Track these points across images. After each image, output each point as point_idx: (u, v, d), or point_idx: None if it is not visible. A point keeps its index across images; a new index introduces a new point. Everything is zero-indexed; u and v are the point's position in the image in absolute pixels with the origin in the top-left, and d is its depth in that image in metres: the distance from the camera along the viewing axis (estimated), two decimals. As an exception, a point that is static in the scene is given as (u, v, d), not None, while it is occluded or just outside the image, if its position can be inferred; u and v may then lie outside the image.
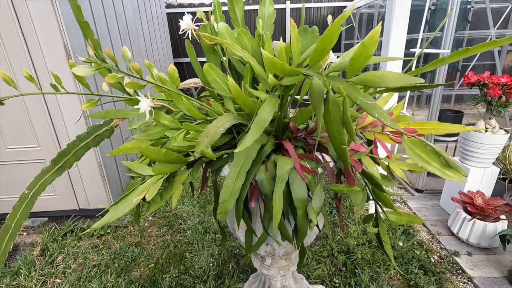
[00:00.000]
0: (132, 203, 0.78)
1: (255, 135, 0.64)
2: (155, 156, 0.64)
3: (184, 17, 0.84)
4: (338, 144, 0.63)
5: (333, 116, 0.61)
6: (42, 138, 2.14)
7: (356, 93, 0.57)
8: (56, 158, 0.84)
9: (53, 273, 1.78)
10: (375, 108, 0.56)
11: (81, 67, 0.63)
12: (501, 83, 1.79)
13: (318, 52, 0.59)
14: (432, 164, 0.50)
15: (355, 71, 0.57)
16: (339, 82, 0.59)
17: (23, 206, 0.78)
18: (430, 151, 0.51)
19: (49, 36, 1.87)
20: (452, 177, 0.48)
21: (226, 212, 0.76)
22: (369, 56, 0.54)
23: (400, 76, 0.56)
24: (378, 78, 0.57)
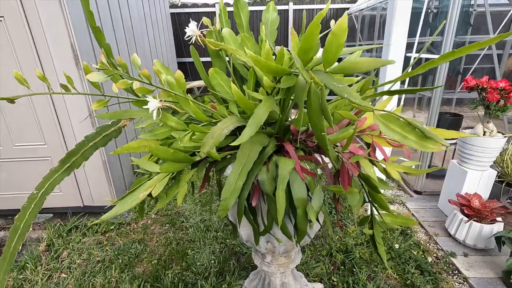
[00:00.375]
0: (139, 197, 0.82)
1: (251, 132, 0.68)
2: (164, 155, 0.68)
3: (190, 24, 0.88)
4: (318, 131, 0.66)
5: (314, 106, 0.65)
6: (48, 136, 2.19)
7: (331, 80, 0.61)
8: (65, 158, 0.87)
9: (59, 268, 1.83)
10: (345, 89, 0.59)
11: (95, 74, 0.67)
12: (499, 88, 1.82)
13: (302, 51, 0.63)
14: (408, 137, 0.50)
15: (330, 62, 0.60)
16: (318, 75, 0.63)
17: (32, 207, 0.79)
18: (404, 123, 0.51)
19: (57, 36, 1.92)
20: (431, 148, 0.47)
21: (227, 209, 0.80)
22: (341, 45, 0.57)
23: (372, 61, 0.59)
24: (353, 64, 0.61)
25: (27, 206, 0.77)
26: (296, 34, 0.73)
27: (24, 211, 0.76)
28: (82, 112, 2.12)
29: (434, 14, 4.42)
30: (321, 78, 0.58)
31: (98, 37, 0.79)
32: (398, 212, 2.32)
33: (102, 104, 0.84)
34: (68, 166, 0.91)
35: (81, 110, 2.12)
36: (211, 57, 1.03)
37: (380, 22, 4.31)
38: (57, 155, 2.24)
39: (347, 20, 0.51)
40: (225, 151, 0.93)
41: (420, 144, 0.48)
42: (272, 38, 1.09)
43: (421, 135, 0.49)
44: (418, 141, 0.49)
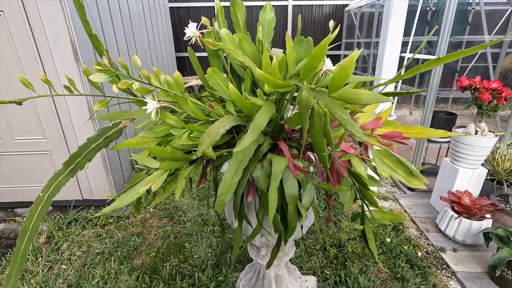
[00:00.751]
0: (139, 192, 0.86)
1: (251, 138, 0.71)
2: (162, 155, 0.72)
3: (189, 25, 0.91)
4: (320, 151, 0.71)
5: (317, 127, 0.69)
6: (48, 130, 2.21)
7: (336, 108, 0.65)
8: (68, 160, 0.88)
9: (59, 259, 1.87)
10: (349, 122, 0.64)
11: (97, 75, 0.70)
12: (491, 88, 1.86)
13: (306, 68, 0.67)
14: (397, 172, 0.57)
15: (336, 89, 0.65)
16: (322, 97, 0.67)
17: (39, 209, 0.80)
18: (396, 160, 0.58)
19: (57, 33, 1.93)
20: (415, 184, 0.55)
21: (223, 204, 0.84)
22: (348, 76, 0.61)
23: (373, 95, 0.63)
24: (355, 95, 0.65)
25: (35, 208, 0.79)
26: (291, 39, 0.76)
27: (32, 213, 0.78)
28: (82, 107, 2.14)
29: (433, 12, 4.43)
30: (326, 103, 0.62)
31: (95, 44, 0.82)
32: (391, 208, 2.37)
33: (104, 104, 0.87)
34: (72, 168, 0.92)
35: (81, 105, 2.14)
36: (209, 56, 1.06)
37: (379, 19, 4.32)
38: (56, 149, 2.27)
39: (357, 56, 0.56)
40: (222, 149, 0.97)
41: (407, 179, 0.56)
42: (268, 39, 1.12)
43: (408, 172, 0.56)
44: (405, 176, 0.59)
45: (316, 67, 0.67)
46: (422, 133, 1.00)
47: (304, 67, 0.65)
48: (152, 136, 0.98)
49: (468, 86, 1.94)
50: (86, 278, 1.73)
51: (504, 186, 2.13)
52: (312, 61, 0.63)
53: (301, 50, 0.93)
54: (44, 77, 0.77)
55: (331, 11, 5.44)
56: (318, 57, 0.62)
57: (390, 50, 1.90)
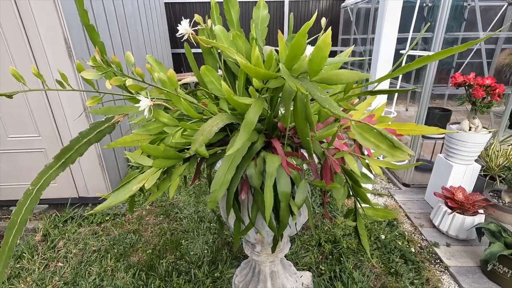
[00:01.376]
0: (132, 190, 0.86)
1: (244, 138, 0.72)
2: (154, 153, 0.72)
3: (182, 22, 0.91)
4: (303, 136, 0.72)
5: (299, 113, 0.70)
6: (42, 128, 2.19)
7: (315, 89, 0.65)
8: (59, 154, 0.88)
9: (55, 257, 1.87)
10: (327, 100, 0.64)
11: (89, 71, 0.70)
12: (485, 85, 1.87)
13: (289, 58, 0.68)
14: (380, 147, 0.56)
15: (315, 72, 0.65)
16: (304, 83, 0.67)
17: (28, 202, 0.79)
18: (377, 134, 0.58)
19: (50, 28, 1.91)
20: (399, 156, 0.54)
21: (216, 200, 0.84)
22: (325, 58, 0.62)
23: (352, 73, 0.64)
24: (334, 76, 0.65)
25: (23, 201, 0.78)
26: (283, 38, 0.76)
27: (20, 207, 0.77)
28: (76, 104, 2.13)
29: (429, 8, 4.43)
30: (307, 87, 0.62)
31: (92, 36, 0.81)
32: (386, 204, 2.40)
33: (97, 100, 0.86)
34: (63, 162, 0.92)
35: (75, 102, 2.12)
36: (203, 54, 1.05)
37: (375, 15, 4.31)
38: (51, 146, 2.25)
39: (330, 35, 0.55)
40: (215, 147, 0.97)
41: (390, 153, 0.54)
42: (262, 36, 1.11)
43: (391, 144, 0.55)
44: (388, 150, 0.56)
45: (300, 55, 0.67)
46: (415, 130, 1.01)
47: (287, 57, 0.66)
48: (146, 133, 0.98)
49: (462, 82, 1.95)
50: (83, 275, 1.73)
51: (497, 182, 2.16)
52: (293, 50, 0.63)
53: (294, 47, 0.93)
54: (36, 71, 0.76)
55: (327, 6, 5.42)
56: (299, 45, 0.62)
57: (385, 47, 1.90)
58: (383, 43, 1.95)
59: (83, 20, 0.79)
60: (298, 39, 0.60)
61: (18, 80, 0.77)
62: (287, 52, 0.64)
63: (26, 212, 0.78)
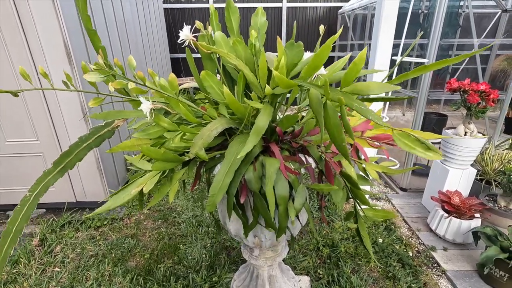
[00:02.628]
0: (131, 193, 0.87)
1: (253, 141, 0.74)
2: (154, 156, 0.73)
3: (183, 29, 0.93)
4: (339, 142, 0.74)
5: (333, 121, 0.72)
6: (40, 132, 2.20)
7: (352, 101, 0.68)
8: (59, 159, 0.86)
9: (52, 262, 1.86)
10: (369, 112, 0.67)
11: (92, 74, 0.71)
12: (479, 90, 1.91)
13: (311, 68, 0.71)
14: (416, 149, 0.66)
15: (348, 83, 0.68)
16: (336, 93, 0.70)
17: (25, 209, 0.77)
18: (414, 139, 0.66)
19: (49, 33, 1.93)
20: (432, 156, 0.65)
21: (214, 204, 0.85)
22: (359, 71, 0.66)
23: (383, 85, 0.68)
24: (366, 87, 0.68)
25: (20, 208, 0.76)
26: (282, 44, 0.78)
27: (17, 214, 0.74)
28: (74, 108, 2.14)
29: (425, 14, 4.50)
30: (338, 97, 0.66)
31: (93, 40, 0.83)
32: (384, 208, 2.41)
33: (98, 102, 0.88)
34: (62, 167, 0.90)
35: (74, 106, 2.13)
36: (203, 59, 1.07)
37: (372, 21, 4.38)
38: (49, 150, 2.25)
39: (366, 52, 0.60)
40: (214, 151, 0.99)
41: (424, 154, 0.66)
42: (261, 42, 1.13)
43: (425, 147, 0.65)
44: (423, 152, 0.66)
45: (320, 66, 0.71)
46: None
47: (309, 67, 0.70)
48: (145, 137, 0.99)
49: (457, 88, 1.98)
50: (80, 280, 1.72)
51: (493, 186, 2.18)
52: (316, 60, 0.67)
53: (292, 53, 0.95)
54: (43, 71, 0.77)
55: (325, 13, 5.49)
56: (322, 57, 0.66)
57: (381, 54, 1.93)
58: (379, 51, 1.98)
59: (86, 25, 0.81)
60: (322, 51, 0.65)
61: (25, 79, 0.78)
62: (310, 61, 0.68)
63: (23, 220, 0.76)
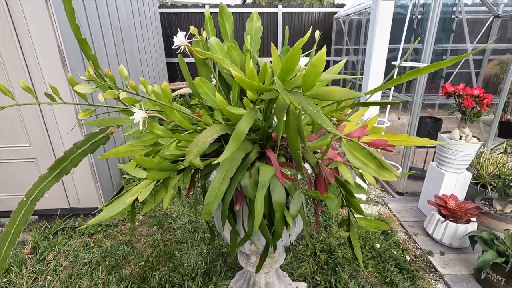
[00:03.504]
0: (125, 203, 0.85)
1: (233, 148, 0.72)
2: (149, 165, 0.72)
3: (178, 34, 0.92)
4: (294, 149, 0.72)
5: (291, 126, 0.70)
6: (34, 138, 2.17)
7: (308, 104, 0.66)
8: (54, 165, 0.86)
9: (44, 270, 1.82)
10: (320, 116, 0.65)
11: (82, 85, 0.70)
12: (474, 95, 1.92)
13: (284, 71, 0.69)
14: (369, 166, 0.57)
15: (309, 87, 0.66)
16: (297, 97, 0.68)
17: (22, 213, 0.78)
18: (367, 153, 0.59)
19: (43, 38, 1.91)
20: (387, 177, 0.55)
21: (210, 212, 0.84)
22: (319, 74, 0.63)
23: (345, 91, 0.65)
24: (327, 92, 0.66)
25: (17, 212, 0.77)
26: (276, 50, 0.78)
27: (15, 218, 0.76)
28: (69, 114, 2.11)
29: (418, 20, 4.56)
30: (300, 101, 0.63)
31: (84, 49, 0.81)
32: (380, 212, 2.40)
33: (89, 113, 0.86)
34: (58, 173, 0.89)
35: (68, 112, 2.11)
36: (198, 65, 1.06)
37: (367, 26, 4.42)
38: (42, 156, 2.22)
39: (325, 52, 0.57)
40: (210, 157, 0.97)
41: (378, 173, 0.56)
42: (256, 47, 1.13)
43: (379, 165, 0.56)
44: (376, 170, 0.57)
45: (293, 69, 0.68)
46: (406, 141, 1.03)
47: (282, 70, 0.67)
48: (140, 144, 0.98)
49: (452, 92, 2.00)
50: (73, 289, 1.69)
51: (488, 190, 2.19)
52: (287, 64, 0.65)
53: (288, 59, 0.95)
54: (25, 85, 0.76)
55: (320, 18, 5.53)
56: (293, 59, 0.64)
57: (376, 59, 1.94)
58: (374, 55, 1.99)
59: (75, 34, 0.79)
60: (292, 54, 0.62)
61: (5, 94, 0.77)
62: (282, 65, 0.65)
63: (20, 223, 0.78)
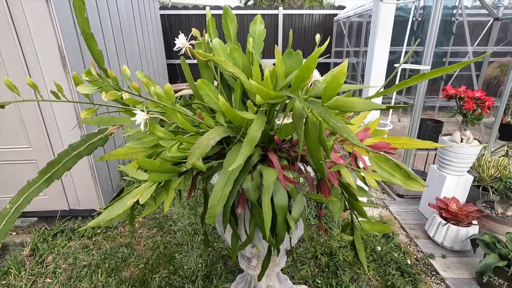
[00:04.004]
0: (126, 205, 0.84)
1: (246, 153, 0.72)
2: (150, 167, 0.71)
3: (179, 36, 0.91)
4: (316, 159, 0.71)
5: (312, 136, 0.69)
6: (33, 139, 2.16)
7: (329, 116, 0.65)
8: (45, 168, 0.80)
9: (43, 273, 1.81)
10: (345, 130, 0.64)
11: (85, 86, 0.69)
12: (475, 97, 1.92)
13: (298, 79, 0.68)
14: (396, 176, 0.58)
15: (329, 97, 0.65)
16: (316, 107, 0.67)
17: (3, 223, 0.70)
18: (393, 164, 0.59)
19: (44, 38, 1.90)
20: (414, 187, 0.56)
21: (214, 216, 0.83)
22: (339, 85, 0.62)
23: (366, 103, 0.64)
24: (348, 103, 0.65)
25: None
26: (280, 52, 0.77)
27: None
28: (69, 114, 2.10)
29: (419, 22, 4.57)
30: (319, 112, 0.62)
31: (90, 44, 0.80)
32: (381, 215, 2.39)
33: (91, 112, 0.85)
34: (48, 177, 0.82)
35: (68, 112, 2.10)
36: (200, 67, 1.06)
37: (367, 28, 4.42)
38: (42, 158, 2.21)
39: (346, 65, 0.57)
40: (212, 160, 0.97)
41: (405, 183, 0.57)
42: (258, 50, 1.13)
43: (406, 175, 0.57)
44: (403, 180, 0.58)
45: (308, 78, 0.68)
46: (409, 144, 1.02)
47: (296, 78, 0.66)
48: (141, 146, 0.97)
49: (453, 95, 2.00)
50: (72, 291, 1.67)
51: (490, 193, 2.18)
52: (303, 72, 0.64)
53: (291, 62, 0.94)
54: (31, 81, 0.75)
55: (321, 20, 5.54)
56: (309, 69, 0.63)
57: (378, 61, 1.94)
58: (375, 57, 2.00)
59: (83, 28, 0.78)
60: (308, 63, 0.61)
61: (12, 90, 0.75)
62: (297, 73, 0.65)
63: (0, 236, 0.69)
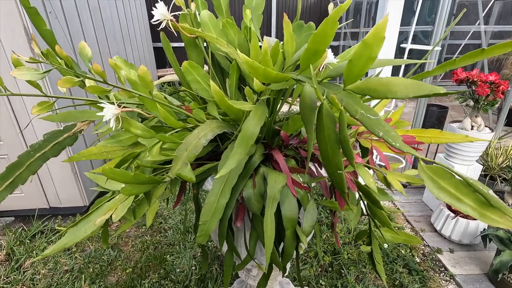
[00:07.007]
0: (95, 224, 0.67)
1: (239, 155, 0.54)
2: (122, 179, 0.53)
3: (157, 5, 0.71)
4: (333, 168, 0.51)
5: (327, 133, 0.49)
6: (3, 132, 1.93)
7: (355, 104, 0.46)
8: (5, 173, 0.69)
9: (20, 279, 1.64)
10: (380, 125, 0.45)
11: (23, 70, 0.50)
12: (489, 81, 1.77)
13: (309, 53, 0.48)
14: (464, 202, 0.38)
15: (355, 78, 0.45)
16: (334, 91, 0.48)
17: None
18: (460, 182, 0.39)
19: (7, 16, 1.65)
20: (495, 220, 0.36)
21: (208, 234, 0.67)
22: (373, 59, 0.43)
23: (412, 84, 0.42)
24: (383, 86, 0.43)
25: None
26: (290, 23, 0.59)
27: None
28: (42, 105, 1.88)
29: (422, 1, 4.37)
30: (341, 98, 0.43)
31: (35, 22, 0.60)
32: (383, 205, 2.28)
33: (46, 107, 0.66)
34: (11, 183, 0.71)
35: (41, 103, 1.87)
36: (186, 46, 0.86)
37: (367, 9, 4.20)
38: (14, 153, 1.99)
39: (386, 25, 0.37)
40: (203, 161, 0.79)
41: (480, 213, 0.37)
42: (257, 24, 0.93)
43: (482, 201, 0.36)
44: (477, 209, 0.37)
45: (323, 52, 0.48)
46: (438, 137, 0.86)
47: (306, 52, 0.47)
48: (116, 145, 0.79)
49: (464, 79, 1.84)
50: (52, 301, 1.52)
51: (498, 182, 2.08)
52: (316, 43, 0.44)
53: (301, 38, 0.76)
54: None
55: (316, 0, 5.26)
56: (326, 37, 0.44)
57: (387, 43, 1.76)
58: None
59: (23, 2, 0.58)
60: (324, 29, 0.42)
61: None
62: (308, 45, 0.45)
63: None
